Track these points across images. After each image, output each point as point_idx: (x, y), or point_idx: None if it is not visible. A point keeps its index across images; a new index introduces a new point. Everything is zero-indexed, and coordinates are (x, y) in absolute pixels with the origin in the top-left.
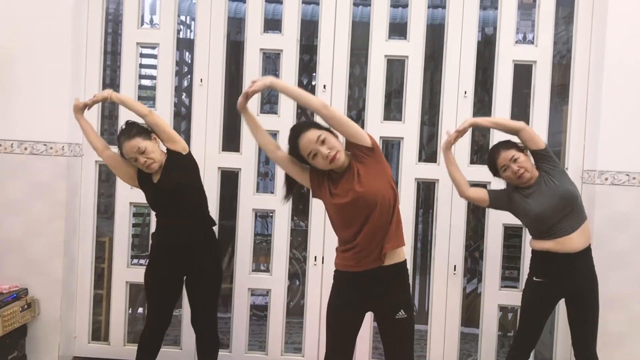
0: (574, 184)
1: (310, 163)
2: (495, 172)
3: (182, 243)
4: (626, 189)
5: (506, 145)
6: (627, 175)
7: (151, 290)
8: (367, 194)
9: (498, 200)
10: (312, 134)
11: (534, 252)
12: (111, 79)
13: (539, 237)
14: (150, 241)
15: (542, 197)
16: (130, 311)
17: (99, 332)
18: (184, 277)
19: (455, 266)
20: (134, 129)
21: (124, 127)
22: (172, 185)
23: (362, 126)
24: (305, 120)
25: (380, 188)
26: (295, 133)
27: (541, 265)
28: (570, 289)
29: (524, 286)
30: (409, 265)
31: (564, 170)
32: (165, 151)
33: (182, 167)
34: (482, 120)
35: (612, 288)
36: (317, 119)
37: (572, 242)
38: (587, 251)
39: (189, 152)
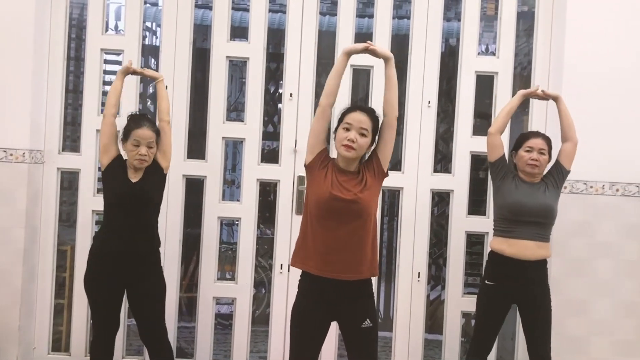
0: (557, 208)
1: (336, 130)
2: (518, 146)
3: (131, 249)
4: (584, 197)
5: (545, 138)
6: (585, 184)
7: (94, 297)
8: (363, 204)
9: (502, 164)
10: (365, 121)
11: (490, 254)
12: (75, 85)
13: (500, 232)
14: (93, 243)
15: (529, 194)
16: (92, 321)
17: (60, 342)
18: (125, 289)
19: (419, 273)
20: (155, 125)
21: (145, 115)
22: (146, 193)
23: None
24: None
25: (372, 206)
26: (363, 108)
27: (494, 268)
28: (521, 295)
29: (478, 290)
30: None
31: (559, 194)
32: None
33: (159, 182)
34: (563, 104)
35: (571, 294)
36: None
37: (526, 249)
38: (541, 262)
39: (166, 175)
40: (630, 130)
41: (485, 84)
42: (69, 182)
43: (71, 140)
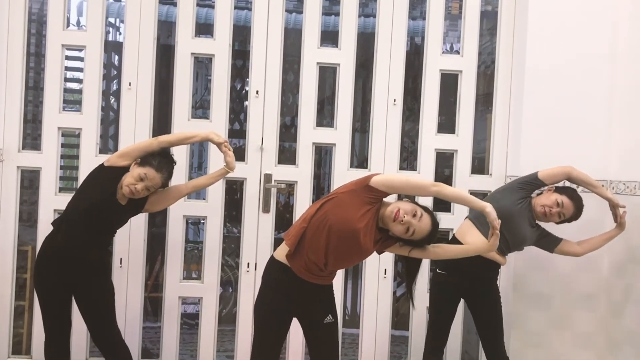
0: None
1: (390, 224)
2: (557, 190)
3: (79, 256)
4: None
5: (576, 216)
6: None
7: (44, 295)
8: (367, 255)
9: (537, 186)
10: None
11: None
12: (35, 81)
13: (475, 220)
14: (45, 239)
15: (523, 218)
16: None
17: (20, 345)
18: (72, 293)
19: (385, 270)
20: (170, 178)
21: (170, 158)
22: (121, 218)
23: (295, 132)
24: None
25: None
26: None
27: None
28: (469, 291)
29: (431, 279)
30: (341, 270)
31: (531, 245)
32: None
33: (133, 214)
34: (616, 235)
35: (533, 287)
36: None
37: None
38: (495, 265)
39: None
40: (591, 127)
41: (449, 82)
42: (29, 180)
43: (32, 138)
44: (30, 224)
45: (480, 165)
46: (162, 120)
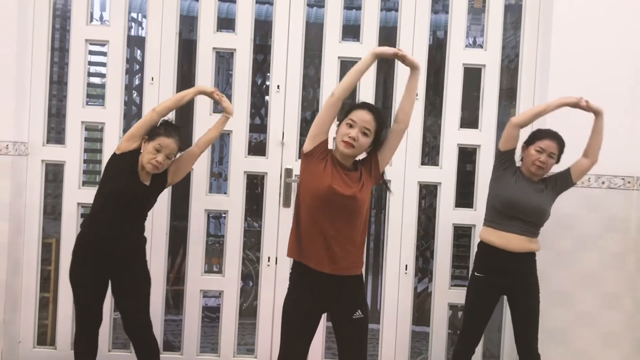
0: (550, 211)
1: (339, 124)
2: (530, 142)
3: (116, 244)
4: (570, 189)
5: (560, 141)
6: None
7: (78, 289)
8: (360, 202)
9: (508, 157)
10: (370, 121)
11: (480, 245)
12: (59, 76)
13: (490, 223)
14: (80, 233)
15: (526, 192)
16: (75, 315)
17: (45, 336)
18: (109, 281)
19: (406, 265)
20: (182, 140)
21: (179, 128)
22: (149, 200)
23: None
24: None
25: (366, 205)
26: (371, 107)
27: (484, 260)
28: (511, 287)
29: (468, 282)
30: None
31: (556, 199)
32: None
33: (159, 191)
34: (602, 121)
35: (556, 286)
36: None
37: (516, 242)
38: (531, 255)
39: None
40: (616, 123)
41: (473, 76)
42: (53, 174)
43: (56, 132)
44: (54, 216)
45: None
46: (183, 115)
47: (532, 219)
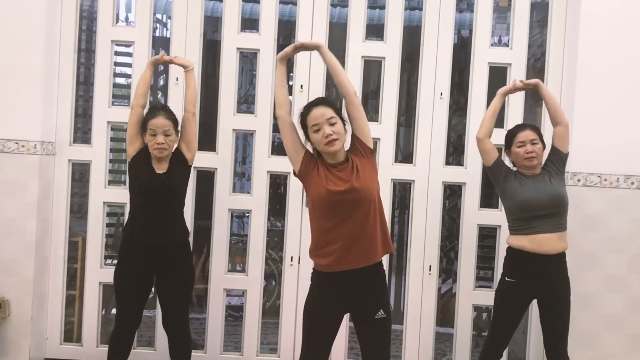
0: (567, 193)
1: (309, 137)
2: (509, 144)
3: (159, 242)
4: (598, 190)
5: (533, 127)
6: (599, 177)
7: (122, 289)
8: (362, 190)
9: (500, 167)
10: (327, 111)
11: (509, 250)
12: (85, 76)
13: (516, 230)
14: (123, 236)
15: (535, 188)
16: (103, 312)
17: (72, 333)
18: (154, 277)
19: (430, 266)
20: (172, 114)
21: (164, 105)
22: (173, 185)
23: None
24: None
25: (372, 189)
26: (315, 102)
27: (514, 265)
28: (542, 290)
29: (497, 286)
30: (385, 266)
31: (564, 179)
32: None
33: (183, 173)
34: (544, 89)
35: (584, 288)
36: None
37: (547, 242)
38: (561, 255)
39: (191, 166)
40: None
41: (498, 75)
42: (80, 173)
43: (82, 132)
44: (80, 215)
45: None
46: (207, 115)
47: (553, 210)
